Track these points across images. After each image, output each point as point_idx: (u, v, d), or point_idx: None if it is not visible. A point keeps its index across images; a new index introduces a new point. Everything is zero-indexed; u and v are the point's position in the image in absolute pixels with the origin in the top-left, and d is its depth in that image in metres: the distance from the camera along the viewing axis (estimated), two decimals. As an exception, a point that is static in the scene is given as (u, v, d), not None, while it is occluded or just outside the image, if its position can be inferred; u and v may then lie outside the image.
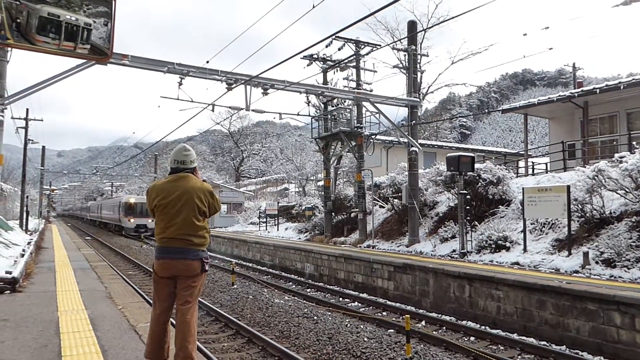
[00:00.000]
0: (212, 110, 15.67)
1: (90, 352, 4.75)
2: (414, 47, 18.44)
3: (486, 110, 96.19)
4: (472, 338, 8.71)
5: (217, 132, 65.95)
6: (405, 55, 18.91)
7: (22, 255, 11.22)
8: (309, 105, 21.55)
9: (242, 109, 15.06)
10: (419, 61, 20.73)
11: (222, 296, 12.29)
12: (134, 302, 7.36)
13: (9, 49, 12.65)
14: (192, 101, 14.62)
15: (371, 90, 19.47)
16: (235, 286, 13.69)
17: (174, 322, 4.25)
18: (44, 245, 18.25)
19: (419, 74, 21.30)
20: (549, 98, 20.47)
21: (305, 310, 10.45)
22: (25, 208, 29.44)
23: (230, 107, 16.89)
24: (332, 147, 22.69)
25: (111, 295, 7.95)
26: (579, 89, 20.12)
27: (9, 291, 7.90)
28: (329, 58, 21.59)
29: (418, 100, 18.43)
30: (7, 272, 8.23)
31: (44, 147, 45.72)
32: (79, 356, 4.61)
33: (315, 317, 9.71)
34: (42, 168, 48.37)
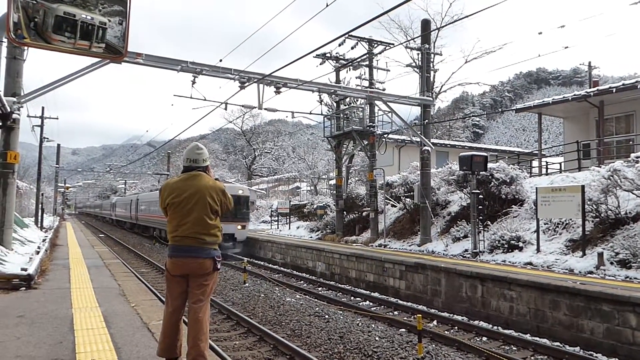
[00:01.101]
0: (225, 109, 15.75)
1: (104, 349, 4.80)
2: (427, 45, 18.33)
3: (500, 110, 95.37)
4: (484, 338, 8.66)
5: (230, 131, 66.24)
6: (418, 54, 18.82)
7: (37, 253, 11.36)
8: (321, 104, 21.58)
9: (255, 107, 15.10)
10: (432, 60, 20.60)
11: (233, 294, 12.35)
12: (146, 300, 7.42)
13: (26, 48, 12.85)
14: (205, 99, 14.71)
15: (384, 89, 19.40)
16: (246, 284, 13.74)
17: (186, 320, 4.27)
18: (58, 243, 18.47)
19: (432, 72, 21.16)
20: (563, 97, 20.21)
21: (317, 309, 10.46)
22: (40, 206, 29.84)
23: (242, 106, 16.96)
24: (344, 145, 22.68)
25: (124, 292, 8.02)
26: (595, 88, 19.85)
27: (24, 288, 8.01)
28: (341, 57, 21.57)
29: (431, 99, 18.33)
30: (22, 269, 8.34)
31: (59, 145, 46.32)
32: (92, 353, 4.66)
33: (326, 316, 9.71)
34: (57, 166, 48.99)
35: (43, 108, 33.43)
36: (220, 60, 13.83)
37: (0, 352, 4.58)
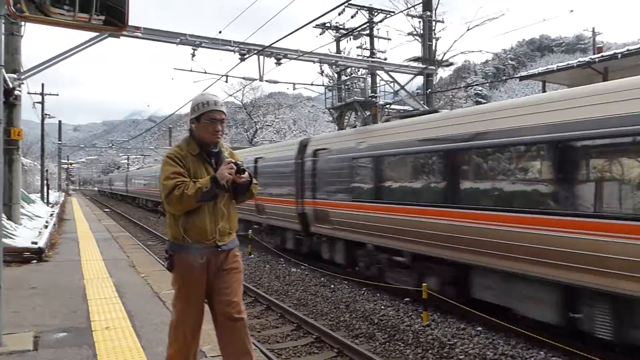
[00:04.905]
0: (226, 82, 15.75)
1: (117, 317, 4.94)
2: (428, 13, 18.06)
3: (503, 78, 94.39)
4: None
5: (230, 104, 65.86)
6: (420, 21, 18.55)
7: (46, 227, 11.52)
8: (322, 75, 21.39)
9: (256, 79, 14.98)
10: (433, 28, 20.34)
11: (240, 265, 12.52)
12: (156, 271, 7.58)
13: (23, 24, 12.73)
14: (205, 72, 14.60)
15: (385, 59, 19.22)
16: (252, 256, 13.93)
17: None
18: (65, 217, 18.67)
19: (434, 41, 20.88)
20: (567, 64, 19.96)
21: (322, 279, 10.63)
22: (46, 182, 30.01)
23: (243, 78, 16.80)
24: (346, 117, 22.56)
25: (134, 264, 8.18)
26: (599, 54, 19.58)
27: (35, 261, 8.17)
28: (341, 26, 21.26)
29: (433, 68, 18.17)
30: (33, 243, 8.49)
31: (60, 121, 46.24)
32: (107, 321, 4.80)
33: (332, 286, 9.88)
34: (60, 142, 49.03)
35: (43, 85, 33.27)
36: (220, 32, 13.69)
37: (17, 321, 4.72)
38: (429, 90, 17.68)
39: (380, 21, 20.31)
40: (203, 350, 4.04)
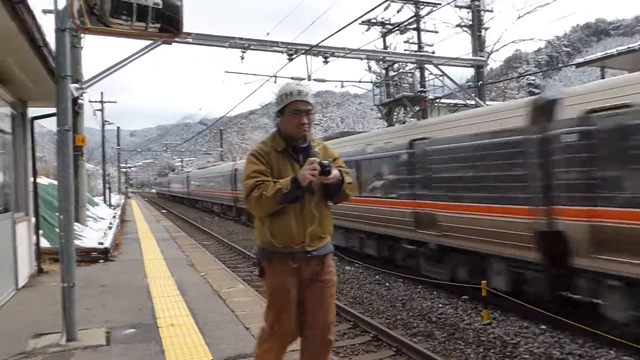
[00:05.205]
0: (275, 82, 15.88)
1: (181, 314, 5.11)
2: (477, 2, 17.56)
3: (557, 66, 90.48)
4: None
5: (277, 105, 66.66)
6: (468, 12, 18.09)
7: (110, 228, 12.10)
8: (369, 71, 21.23)
9: (304, 79, 15.10)
10: (482, 17, 19.75)
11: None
12: (214, 270, 7.78)
13: (83, 36, 13.41)
14: (255, 74, 14.88)
15: (433, 52, 18.85)
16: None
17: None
18: (126, 219, 19.52)
19: (483, 31, 20.30)
20: (629, 47, 18.86)
21: (377, 277, 10.56)
22: (107, 185, 31.52)
23: (292, 78, 16.95)
24: (395, 113, 22.32)
25: (193, 263, 8.43)
26: (666, 36, 18.36)
27: (102, 260, 8.59)
28: (387, 22, 21.03)
29: (484, 59, 17.68)
30: (99, 243, 8.94)
31: (118, 127, 48.36)
32: (171, 318, 4.97)
33: (387, 284, 9.80)
34: (119, 147, 51.32)
35: (102, 93, 34.92)
36: (268, 34, 13.89)
37: (89, 317, 4.97)
38: (480, 82, 17.19)
39: (427, 14, 19.94)
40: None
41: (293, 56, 14.37)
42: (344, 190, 2.83)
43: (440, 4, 20.78)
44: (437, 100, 20.58)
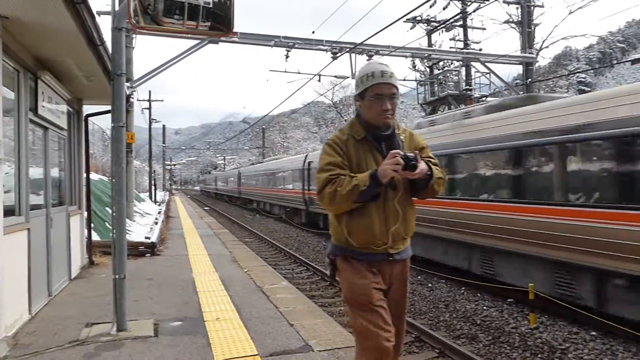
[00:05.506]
0: (319, 81, 16.07)
1: (226, 309, 5.18)
2: (528, -2, 17.02)
3: (610, 63, 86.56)
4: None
5: (320, 104, 66.91)
6: (517, 8, 17.55)
7: (156, 223, 12.45)
8: (414, 69, 20.98)
9: (348, 77, 15.09)
10: (532, 13, 19.13)
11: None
12: (257, 266, 7.86)
13: (134, 36, 13.85)
14: (299, 73, 14.96)
15: (480, 49, 18.42)
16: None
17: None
18: (170, 215, 20.05)
19: (532, 27, 19.65)
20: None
21: (419, 277, 10.40)
22: (153, 182, 32.48)
23: (335, 76, 17.01)
24: (440, 112, 21.95)
25: (236, 259, 8.55)
26: None
27: (149, 254, 8.84)
28: (433, 19, 20.70)
29: (533, 56, 17.13)
30: (146, 238, 9.20)
31: (164, 125, 49.77)
32: (217, 312, 5.05)
33: (429, 285, 9.64)
34: (164, 145, 52.81)
35: (150, 92, 35.99)
36: (313, 32, 13.93)
37: (138, 309, 5.11)
38: (529, 79, 16.65)
39: (474, 10, 19.49)
40: (310, 344, 4.10)
41: (337, 54, 14.37)
42: (432, 186, 2.47)
43: (488, 0, 20.29)
44: (483, 99, 20.08)
